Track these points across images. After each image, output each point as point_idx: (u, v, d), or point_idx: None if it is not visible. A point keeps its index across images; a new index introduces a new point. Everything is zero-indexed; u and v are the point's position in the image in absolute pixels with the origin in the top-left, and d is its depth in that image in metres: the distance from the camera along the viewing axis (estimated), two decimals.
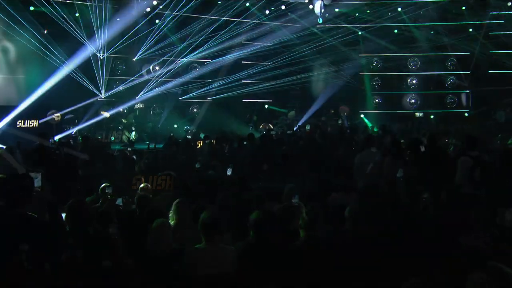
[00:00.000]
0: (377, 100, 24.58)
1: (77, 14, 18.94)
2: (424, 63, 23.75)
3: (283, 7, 21.07)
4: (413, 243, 4.95)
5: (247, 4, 20.95)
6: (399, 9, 21.24)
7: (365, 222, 5.29)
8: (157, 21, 20.80)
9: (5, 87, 18.81)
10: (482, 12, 20.94)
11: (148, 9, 19.91)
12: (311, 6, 20.43)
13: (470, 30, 21.84)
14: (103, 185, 6.59)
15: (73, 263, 4.00)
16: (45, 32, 18.69)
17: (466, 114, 23.16)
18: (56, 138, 15.55)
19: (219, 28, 21.27)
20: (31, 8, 17.84)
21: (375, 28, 22.22)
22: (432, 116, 23.42)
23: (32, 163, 8.48)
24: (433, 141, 8.27)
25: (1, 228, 3.59)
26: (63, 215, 4.61)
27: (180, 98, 23.41)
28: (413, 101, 24.27)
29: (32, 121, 18.57)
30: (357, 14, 21.99)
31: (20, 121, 18.22)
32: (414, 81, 24.23)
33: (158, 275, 4.48)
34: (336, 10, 21.37)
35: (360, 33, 22.83)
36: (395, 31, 22.56)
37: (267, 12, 21.51)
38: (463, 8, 21.15)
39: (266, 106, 24.71)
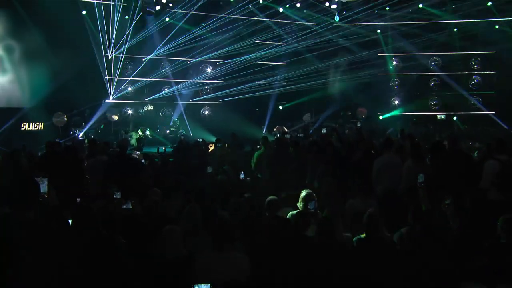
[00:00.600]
0: (397, 102, 24.45)
1: (84, 12, 19.06)
2: (447, 62, 23.59)
3: (298, 4, 21.09)
4: (434, 252, 4.91)
5: (261, 1, 20.99)
6: (420, 5, 21.15)
7: (384, 229, 5.26)
8: (167, 19, 20.91)
9: (9, 88, 18.92)
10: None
11: (158, 7, 20.01)
12: (327, 4, 20.44)
13: (497, 26, 21.68)
14: (110, 189, 6.63)
15: (79, 269, 4.04)
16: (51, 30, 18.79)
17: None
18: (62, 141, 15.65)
19: (231, 27, 21.35)
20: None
21: (396, 25, 22.11)
22: (455, 118, 23.23)
23: (38, 167, 8.57)
24: (455, 144, 8.20)
25: (6, 235, 3.60)
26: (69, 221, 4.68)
27: (190, 100, 23.51)
28: (434, 102, 24.09)
29: (37, 123, 18.75)
30: (376, 11, 21.91)
31: (24, 123, 18.40)
32: (437, 82, 24.07)
33: (166, 282, 4.49)
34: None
35: (379, 31, 22.74)
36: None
37: (281, 10, 21.52)
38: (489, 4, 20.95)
39: (280, 107, 24.71)
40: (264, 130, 23.12)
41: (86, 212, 4.63)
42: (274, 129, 22.59)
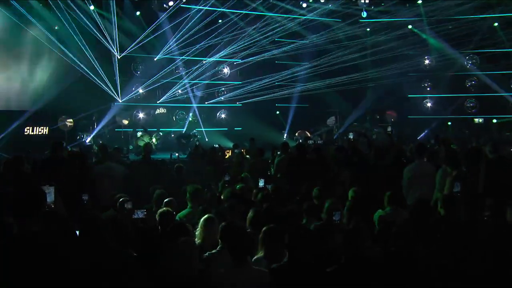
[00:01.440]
0: (429, 104, 24.27)
1: (92, 7, 19.24)
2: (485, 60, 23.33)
3: None
4: (472, 267, 4.87)
5: None
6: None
7: (416, 242, 5.22)
8: (181, 15, 21.06)
9: (10, 90, 19.09)
10: None
11: (171, 3, 20.12)
12: None
13: None
14: (121, 199, 6.69)
15: (87, 284, 4.08)
16: (56, 28, 19.05)
17: None
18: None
19: (250, 23, 21.43)
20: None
21: (428, 22, 21.97)
22: (494, 121, 22.95)
23: (44, 175, 8.65)
24: (497, 150, 8.11)
25: (9, 249, 3.62)
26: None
27: (206, 102, 23.62)
28: (471, 105, 23.85)
29: (42, 127, 18.91)
30: (407, 4, 21.77)
31: (28, 127, 18.57)
32: (474, 82, 23.84)
33: None
34: None
35: (410, 26, 22.57)
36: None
37: (304, 5, 21.55)
38: None
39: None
40: (285, 135, 23.12)
41: (95, 223, 4.67)
42: (296, 134, 22.58)
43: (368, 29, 22.67)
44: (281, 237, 5.06)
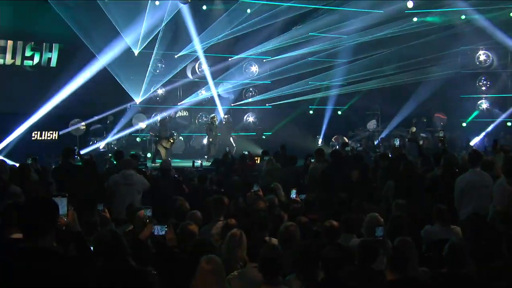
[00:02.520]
0: (485, 105, 23.91)
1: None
2: None
3: None
4: None
5: None
6: None
7: (471, 262, 5.15)
8: (204, 7, 21.18)
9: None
10: None
11: None
12: None
13: None
14: (140, 211, 6.72)
15: None
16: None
17: None
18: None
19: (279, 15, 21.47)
20: None
21: (485, 11, 21.64)
22: None
23: (56, 185, 8.76)
24: None
25: (18, 267, 3.55)
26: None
27: (232, 104, 23.69)
28: None
29: (51, 132, 19.16)
30: None
31: (36, 132, 18.81)
32: None
33: None
34: None
35: (463, 17, 22.23)
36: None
37: None
38: None
39: (339, 112, 24.61)
40: (320, 140, 23.07)
41: (112, 239, 4.71)
42: (332, 140, 22.51)
43: (414, 19, 22.39)
44: (315, 255, 5.04)
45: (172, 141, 19.33)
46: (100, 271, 4.47)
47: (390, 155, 12.47)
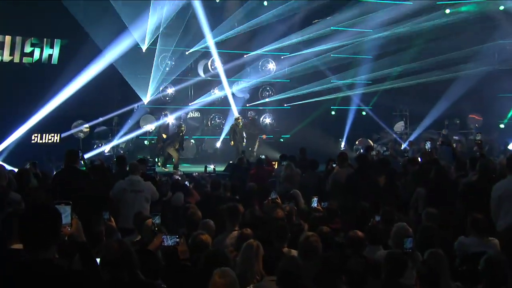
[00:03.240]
0: None
1: None
2: None
3: None
4: None
5: None
6: None
7: (511, 278, 5.12)
8: None
9: None
10: None
11: None
12: None
13: None
14: (148, 219, 6.75)
15: None
16: None
17: None
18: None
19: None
20: None
21: None
22: None
23: (58, 192, 8.79)
24: None
25: (18, 282, 3.55)
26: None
27: (247, 105, 23.69)
28: None
29: (52, 135, 19.27)
30: None
31: (36, 134, 18.92)
32: None
33: None
34: None
35: (501, 7, 22.04)
36: None
37: None
38: None
39: (364, 113, 24.53)
40: (343, 144, 23.02)
41: (120, 250, 4.74)
42: (356, 143, 22.46)
43: (447, 11, 22.26)
44: (339, 268, 5.05)
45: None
46: (107, 285, 4.49)
47: (420, 160, 12.42)
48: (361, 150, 19.39)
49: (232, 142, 19.93)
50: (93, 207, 7.30)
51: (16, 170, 10.91)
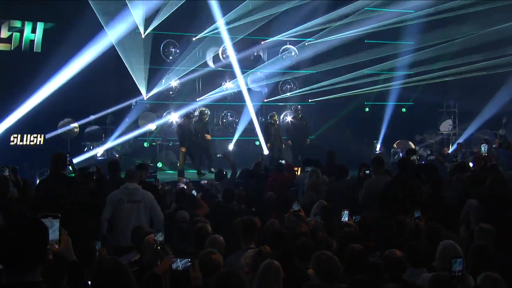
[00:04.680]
0: None
1: None
2: None
3: None
4: None
5: None
6: None
7: None
8: None
9: None
10: None
11: None
12: None
13: None
14: (149, 235, 6.76)
15: None
16: None
17: None
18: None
19: None
20: None
21: None
22: None
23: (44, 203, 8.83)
24: None
25: None
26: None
27: (265, 100, 23.69)
28: None
29: (35, 135, 19.35)
30: None
31: (15, 135, 19.00)
32: None
33: None
34: None
35: None
36: None
37: None
38: None
39: (403, 109, 24.44)
40: (379, 146, 22.95)
41: (115, 271, 4.76)
42: (394, 145, 22.40)
43: None
44: None
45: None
46: None
47: (471, 165, 12.36)
48: (401, 154, 19.34)
49: (268, 144, 19.81)
50: (83, 220, 7.35)
51: None
